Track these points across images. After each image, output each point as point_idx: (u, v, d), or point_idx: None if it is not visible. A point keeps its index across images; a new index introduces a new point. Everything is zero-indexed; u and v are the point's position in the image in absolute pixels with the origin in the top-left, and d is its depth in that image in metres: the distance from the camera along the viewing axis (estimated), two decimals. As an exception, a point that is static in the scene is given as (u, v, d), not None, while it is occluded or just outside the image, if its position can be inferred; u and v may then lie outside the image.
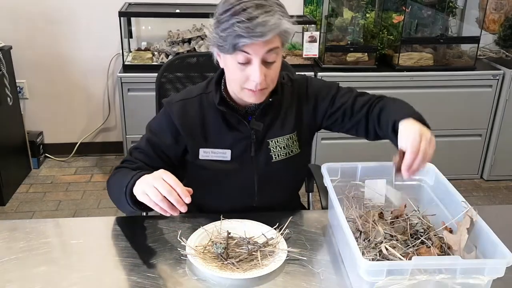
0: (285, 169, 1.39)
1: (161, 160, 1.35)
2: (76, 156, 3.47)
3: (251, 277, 1.12)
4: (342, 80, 2.95)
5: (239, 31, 1.14)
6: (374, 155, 3.09)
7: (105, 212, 2.87)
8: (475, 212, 1.11)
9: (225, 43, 1.18)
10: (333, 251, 1.25)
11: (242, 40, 1.15)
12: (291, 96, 1.40)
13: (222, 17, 1.17)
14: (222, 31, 1.17)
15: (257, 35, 1.14)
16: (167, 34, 3.06)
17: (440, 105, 3.04)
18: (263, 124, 1.35)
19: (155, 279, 1.14)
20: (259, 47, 1.18)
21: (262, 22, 1.14)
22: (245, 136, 1.35)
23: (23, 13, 3.13)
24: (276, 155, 1.38)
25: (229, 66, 1.25)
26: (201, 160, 1.36)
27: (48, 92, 3.33)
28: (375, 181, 1.32)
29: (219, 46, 1.21)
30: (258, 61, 1.20)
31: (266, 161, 1.37)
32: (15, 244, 1.26)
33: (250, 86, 1.24)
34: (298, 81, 1.43)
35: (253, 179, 1.38)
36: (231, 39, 1.16)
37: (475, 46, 3.05)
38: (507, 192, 3.18)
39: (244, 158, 1.36)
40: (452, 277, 1.00)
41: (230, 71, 1.25)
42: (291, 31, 1.22)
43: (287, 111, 1.39)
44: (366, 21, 3.06)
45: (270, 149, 1.37)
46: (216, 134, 1.35)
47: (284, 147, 1.38)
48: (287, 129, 1.38)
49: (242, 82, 1.24)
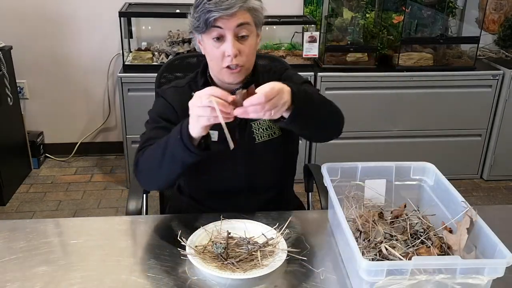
0: (268, 150, 1.44)
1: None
2: (76, 156, 3.47)
3: (251, 277, 1.12)
4: (342, 80, 2.95)
5: (208, 7, 1.26)
6: (374, 155, 3.11)
7: (105, 212, 2.87)
8: (475, 212, 1.11)
9: (199, 22, 1.29)
10: (333, 251, 1.25)
11: (212, 14, 1.26)
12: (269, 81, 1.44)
13: (197, 2, 1.30)
14: (196, 12, 1.30)
15: (224, 7, 1.25)
16: (167, 34, 3.06)
17: (440, 105, 3.05)
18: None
19: (155, 279, 1.14)
20: (229, 21, 1.27)
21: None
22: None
23: (23, 13, 3.13)
24: (259, 137, 1.44)
25: (206, 48, 1.34)
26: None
27: (48, 92, 3.33)
28: (375, 181, 1.32)
29: (195, 27, 1.31)
30: (230, 35, 1.29)
31: (249, 142, 1.43)
32: (15, 244, 1.26)
33: (227, 62, 1.31)
34: (277, 68, 1.52)
35: (239, 160, 1.43)
36: (203, 16, 1.27)
37: (475, 46, 3.05)
38: (507, 192, 3.18)
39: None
40: (452, 277, 1.00)
41: (208, 52, 1.34)
42: (260, 9, 1.33)
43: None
44: (366, 21, 3.06)
45: (253, 131, 1.43)
46: None
47: (266, 129, 1.44)
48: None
49: (220, 60, 1.32)
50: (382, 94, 2.99)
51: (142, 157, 1.33)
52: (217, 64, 1.33)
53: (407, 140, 3.11)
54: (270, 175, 1.50)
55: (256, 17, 1.33)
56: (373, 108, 3.02)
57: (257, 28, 1.35)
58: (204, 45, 1.36)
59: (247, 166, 1.44)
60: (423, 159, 1.43)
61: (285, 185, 1.60)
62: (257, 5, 1.32)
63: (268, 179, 1.50)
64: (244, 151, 1.42)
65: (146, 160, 1.32)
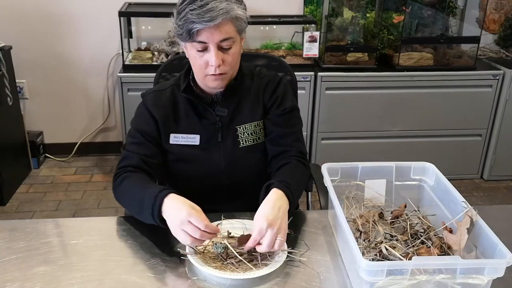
0: (251, 154, 1.46)
1: (152, 145, 1.43)
2: (76, 156, 3.47)
3: (251, 277, 1.12)
4: (342, 80, 2.95)
5: (191, 18, 1.25)
6: (374, 155, 3.11)
7: (105, 212, 2.87)
8: (475, 212, 1.11)
9: (182, 31, 1.28)
10: (333, 251, 1.25)
11: (194, 26, 1.25)
12: (259, 87, 1.46)
13: (180, 8, 1.29)
14: (179, 19, 1.28)
15: (207, 19, 1.24)
16: (167, 34, 3.06)
17: (440, 105, 3.05)
18: (227, 110, 1.42)
19: (155, 279, 1.14)
20: (213, 34, 1.27)
21: (211, 8, 1.24)
22: (211, 122, 1.43)
23: (23, 13, 3.13)
24: (244, 141, 1.45)
25: (190, 55, 1.35)
26: (171, 145, 1.44)
27: (48, 92, 3.33)
28: (375, 181, 1.32)
29: (179, 35, 1.31)
30: (214, 47, 1.29)
31: (233, 146, 1.44)
32: (15, 244, 1.26)
33: (210, 71, 1.32)
34: (271, 77, 1.49)
35: (220, 163, 1.44)
36: (186, 26, 1.26)
37: (475, 46, 3.05)
38: (507, 192, 3.18)
39: (211, 143, 1.44)
40: (452, 277, 1.00)
41: (192, 59, 1.35)
42: (243, 18, 1.31)
43: (254, 100, 1.46)
44: (366, 21, 3.06)
45: (238, 135, 1.44)
46: (186, 119, 1.43)
47: (252, 133, 1.45)
48: (255, 117, 1.45)
49: (203, 68, 1.33)
50: (382, 94, 2.99)
51: (119, 190, 1.36)
52: (201, 71, 1.35)
53: (407, 140, 3.11)
54: (254, 179, 1.47)
55: (240, 25, 1.32)
56: (373, 108, 3.01)
57: (240, 34, 1.34)
58: (187, 52, 1.36)
59: (227, 169, 1.45)
60: (423, 159, 1.43)
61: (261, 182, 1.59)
62: (240, 14, 1.29)
63: (251, 183, 1.46)
64: (226, 154, 1.44)
65: (122, 198, 1.36)
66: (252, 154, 1.46)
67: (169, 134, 1.43)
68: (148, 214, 1.23)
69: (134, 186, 1.32)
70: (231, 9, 1.26)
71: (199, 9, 1.24)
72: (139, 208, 1.28)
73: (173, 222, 1.19)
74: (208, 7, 1.24)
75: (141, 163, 1.38)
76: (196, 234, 1.15)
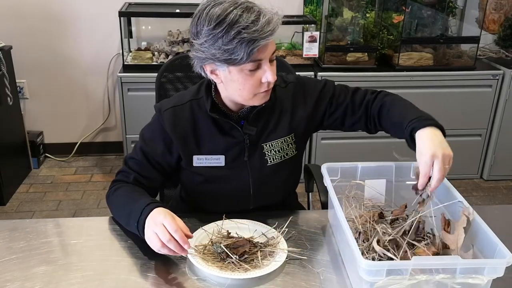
0: (280, 171, 1.39)
1: (154, 169, 1.36)
2: (76, 156, 3.47)
3: (251, 277, 1.12)
4: (342, 80, 2.93)
5: (250, 36, 1.13)
6: (374, 155, 3.11)
7: (105, 212, 2.86)
8: (471, 211, 1.11)
9: (236, 54, 1.14)
10: (333, 251, 1.25)
11: (257, 43, 1.14)
12: (285, 98, 1.39)
13: (216, 32, 1.14)
14: (226, 44, 1.14)
15: (268, 33, 1.14)
16: (167, 34, 3.06)
17: (440, 105, 3.04)
18: (256, 128, 1.34)
19: (155, 279, 1.14)
20: (267, 48, 1.18)
21: (266, 21, 1.15)
22: (238, 141, 1.34)
23: (23, 13, 3.13)
24: (271, 159, 1.37)
25: (235, 79, 1.21)
26: (196, 167, 1.35)
27: (48, 92, 3.33)
28: (375, 181, 1.32)
29: (227, 59, 1.16)
30: (267, 62, 1.20)
31: (260, 165, 1.36)
32: (15, 244, 1.26)
33: (263, 89, 1.24)
34: (292, 82, 1.41)
35: (248, 182, 1.37)
36: (243, 47, 1.13)
37: (475, 46, 3.05)
38: (507, 192, 3.18)
39: (237, 163, 1.35)
40: (452, 277, 1.00)
41: (239, 83, 1.22)
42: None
43: (281, 114, 1.37)
44: (366, 21, 3.06)
45: (265, 153, 1.36)
46: (209, 140, 1.34)
47: (279, 150, 1.37)
48: (281, 132, 1.37)
49: (254, 87, 1.23)
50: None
51: (111, 199, 1.35)
52: (250, 91, 1.23)
53: (407, 140, 3.11)
54: (281, 194, 1.46)
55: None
56: (373, 108, 3.01)
57: None
58: (228, 76, 1.22)
59: (255, 188, 1.38)
60: (423, 159, 1.42)
61: (290, 197, 1.58)
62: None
63: (277, 200, 1.46)
64: (254, 174, 1.37)
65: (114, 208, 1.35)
66: (281, 171, 1.38)
67: (192, 156, 1.34)
68: (134, 227, 1.22)
69: (124, 198, 1.30)
70: (277, 16, 1.18)
71: (254, 26, 1.13)
72: (127, 220, 1.26)
73: (149, 227, 1.17)
74: (262, 21, 1.14)
75: (136, 183, 1.34)
76: (165, 237, 1.12)
